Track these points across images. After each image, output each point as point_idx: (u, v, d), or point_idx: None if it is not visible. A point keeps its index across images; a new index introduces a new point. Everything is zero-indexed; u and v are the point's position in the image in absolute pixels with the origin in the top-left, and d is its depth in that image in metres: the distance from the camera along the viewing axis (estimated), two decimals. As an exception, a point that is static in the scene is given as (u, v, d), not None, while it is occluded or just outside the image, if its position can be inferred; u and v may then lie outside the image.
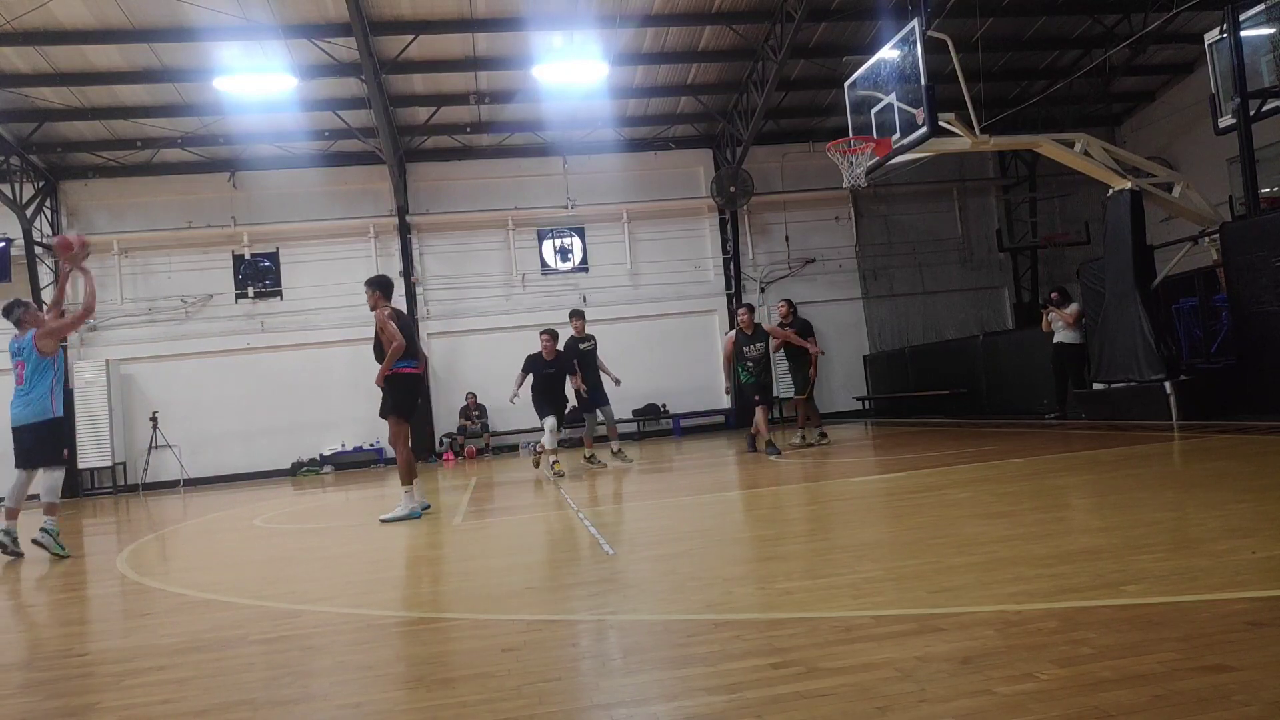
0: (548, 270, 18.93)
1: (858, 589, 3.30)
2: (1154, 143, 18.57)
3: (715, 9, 14.77)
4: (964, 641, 2.52)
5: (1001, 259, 20.35)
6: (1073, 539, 3.86)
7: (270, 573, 5.25)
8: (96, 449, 16.50)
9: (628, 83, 16.77)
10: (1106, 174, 10.58)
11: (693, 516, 6.05)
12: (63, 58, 14.14)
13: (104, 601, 4.87)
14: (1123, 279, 10.25)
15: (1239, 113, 10.10)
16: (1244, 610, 2.60)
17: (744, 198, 18.53)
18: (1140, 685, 2.07)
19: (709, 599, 3.39)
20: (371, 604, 3.91)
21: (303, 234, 18.02)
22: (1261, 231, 9.05)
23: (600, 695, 2.41)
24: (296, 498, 11.48)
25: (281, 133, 17.02)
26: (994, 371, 14.02)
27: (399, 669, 2.85)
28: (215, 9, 12.69)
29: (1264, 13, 10.53)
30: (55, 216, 17.38)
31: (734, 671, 2.45)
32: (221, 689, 2.77)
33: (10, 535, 6.69)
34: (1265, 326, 8.96)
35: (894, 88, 10.69)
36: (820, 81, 17.00)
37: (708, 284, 19.19)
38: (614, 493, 8.12)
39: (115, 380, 16.85)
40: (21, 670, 3.26)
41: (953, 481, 6.31)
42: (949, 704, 2.07)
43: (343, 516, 8.54)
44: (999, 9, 14.77)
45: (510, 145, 18.35)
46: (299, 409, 17.38)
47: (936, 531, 4.35)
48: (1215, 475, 5.64)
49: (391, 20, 14.06)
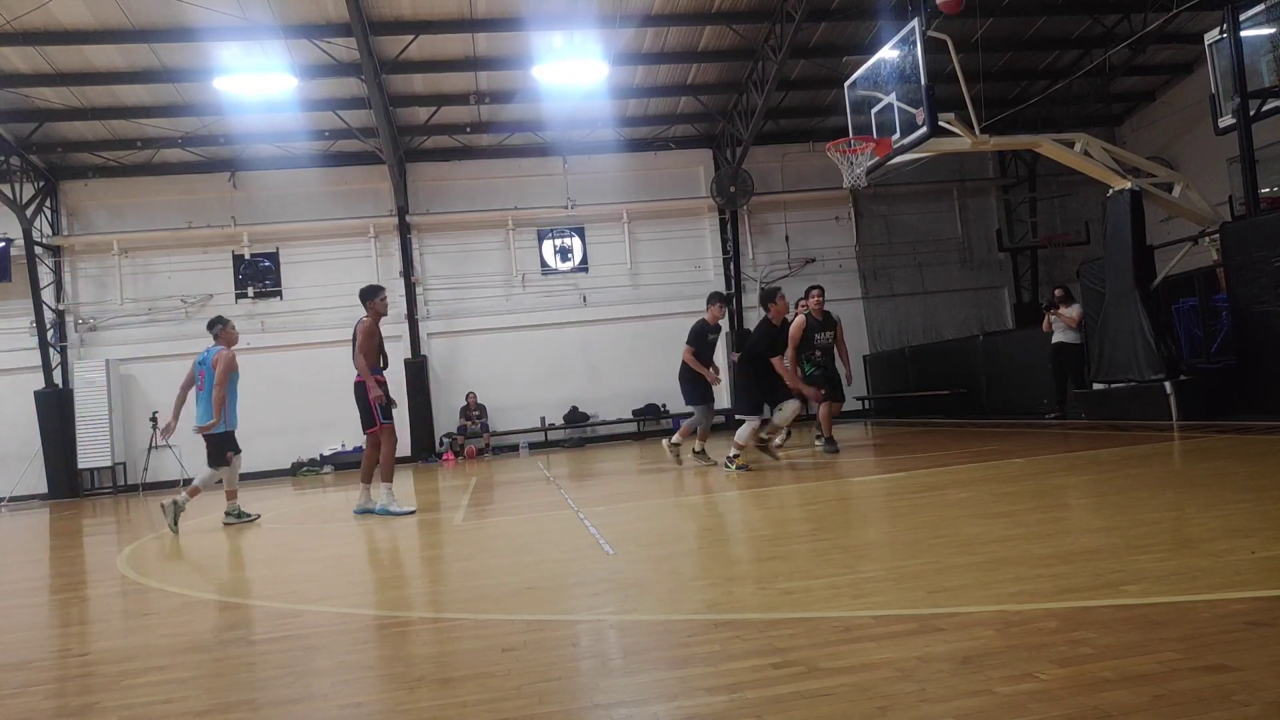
0: (548, 270, 18.93)
1: (858, 589, 3.30)
2: (1154, 143, 18.57)
3: (715, 9, 14.77)
4: (964, 641, 2.52)
5: (1001, 259, 20.36)
6: (1073, 539, 3.86)
7: (270, 573, 5.25)
8: (96, 449, 16.51)
9: (628, 83, 16.77)
10: (1106, 174, 10.58)
11: (693, 516, 6.05)
12: (63, 58, 14.14)
13: (104, 601, 4.87)
14: (1123, 279, 10.24)
15: (1239, 113, 10.09)
16: (1244, 610, 2.59)
17: (744, 198, 18.53)
18: (1140, 685, 2.07)
19: (709, 599, 3.39)
20: (371, 604, 3.91)
21: (303, 234, 18.02)
22: (1261, 231, 9.05)
23: (600, 695, 2.41)
24: (296, 498, 11.47)
25: (281, 133, 17.02)
26: (994, 371, 14.01)
27: (399, 669, 2.85)
28: (215, 9, 12.69)
29: (1264, 13, 10.52)
30: (55, 216, 17.40)
31: (734, 671, 2.44)
32: (221, 689, 2.77)
33: (180, 507, 7.72)
34: (1265, 326, 8.95)
35: (894, 88, 10.68)
36: (820, 81, 17.00)
37: (708, 284, 19.13)
38: (614, 493, 8.12)
39: (115, 380, 16.85)
40: (21, 670, 3.26)
41: (953, 481, 6.31)
42: (949, 704, 2.07)
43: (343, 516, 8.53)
44: (999, 9, 14.77)
45: (510, 145, 18.35)
46: (299, 409, 17.38)
47: (936, 531, 4.35)
48: (1215, 475, 5.63)
49: (391, 20, 14.07)
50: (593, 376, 18.43)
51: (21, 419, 16.44)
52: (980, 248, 20.33)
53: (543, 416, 17.95)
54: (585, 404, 18.35)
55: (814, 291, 9.89)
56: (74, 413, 16.51)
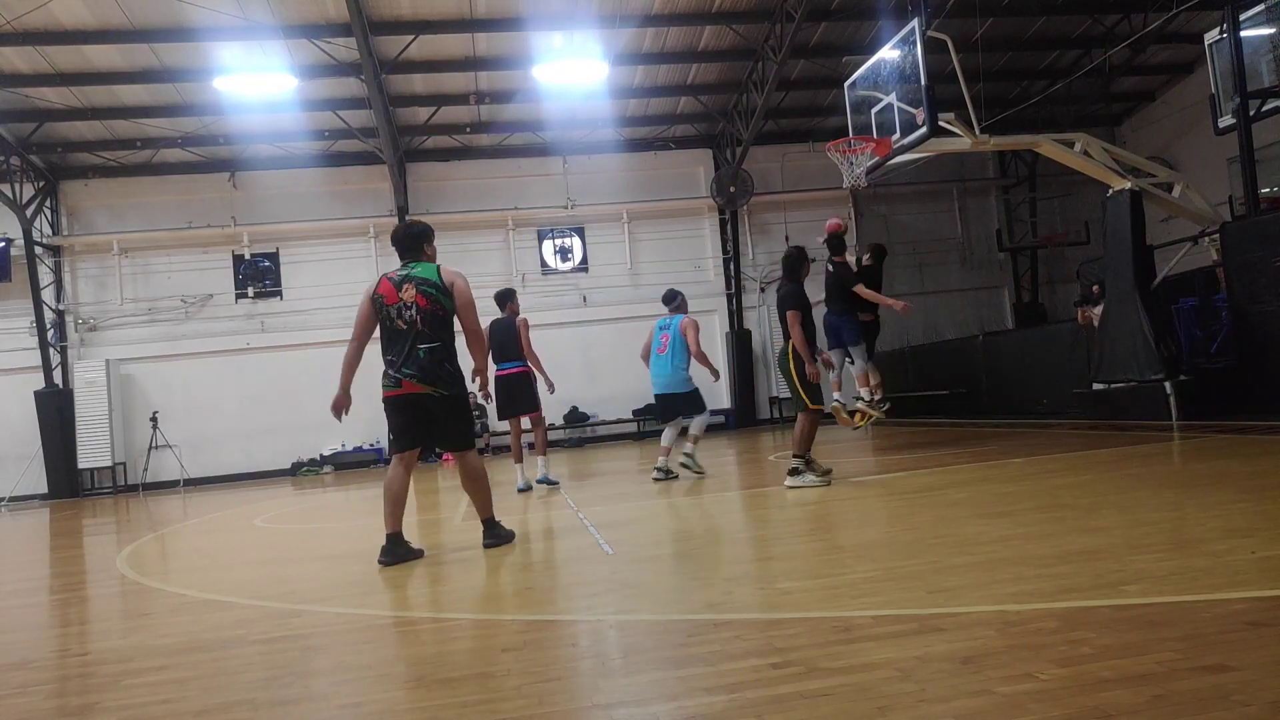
0: (548, 270, 18.93)
1: (858, 589, 3.30)
2: (1154, 143, 18.56)
3: (715, 9, 14.77)
4: (964, 641, 2.52)
5: (1001, 259, 20.36)
6: (1073, 539, 3.86)
7: (270, 573, 5.25)
8: (96, 449, 16.50)
9: (628, 83, 16.77)
10: (1106, 174, 10.57)
11: (693, 516, 6.05)
12: (63, 58, 14.14)
13: (104, 601, 4.87)
14: (1123, 279, 10.24)
15: (1239, 113, 10.09)
16: (1244, 610, 2.60)
17: (744, 198, 18.52)
18: (1140, 685, 2.07)
19: (709, 599, 3.39)
20: (371, 604, 3.91)
21: (303, 234, 18.02)
22: (1261, 231, 9.05)
23: (600, 695, 2.41)
24: (296, 498, 11.48)
25: (281, 133, 17.02)
26: (994, 371, 14.01)
27: (399, 669, 2.85)
28: (215, 9, 12.69)
29: (1264, 13, 10.53)
30: (55, 216, 17.40)
31: (734, 671, 2.44)
32: (221, 689, 2.77)
33: (663, 469, 8.37)
34: (1265, 326, 8.95)
35: (894, 88, 10.68)
36: (820, 81, 17.00)
37: (708, 284, 19.18)
38: (614, 493, 8.12)
39: (115, 380, 16.85)
40: (21, 670, 3.26)
41: (953, 481, 6.31)
42: (949, 704, 2.07)
43: (343, 516, 8.54)
44: (999, 9, 14.77)
45: (510, 145, 18.34)
46: (299, 409, 17.35)
47: (936, 531, 4.35)
48: (1215, 475, 5.63)
49: (391, 20, 14.06)
50: (592, 377, 18.41)
51: (21, 419, 16.44)
52: (980, 248, 20.33)
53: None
54: (585, 404, 18.35)
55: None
56: (74, 413, 16.50)
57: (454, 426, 5.12)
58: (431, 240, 5.41)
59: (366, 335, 5.11)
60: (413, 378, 4.93)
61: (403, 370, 4.94)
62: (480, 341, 5.25)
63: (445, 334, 5.07)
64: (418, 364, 4.93)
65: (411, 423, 5.05)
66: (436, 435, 5.22)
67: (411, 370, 4.93)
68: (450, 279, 5.14)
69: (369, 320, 5.09)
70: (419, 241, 5.30)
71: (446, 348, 5.05)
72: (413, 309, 4.98)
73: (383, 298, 5.04)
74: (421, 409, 5.00)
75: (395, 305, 5.00)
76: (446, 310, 5.08)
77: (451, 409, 5.06)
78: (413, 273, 5.09)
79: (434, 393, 4.97)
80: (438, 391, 4.97)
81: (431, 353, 4.96)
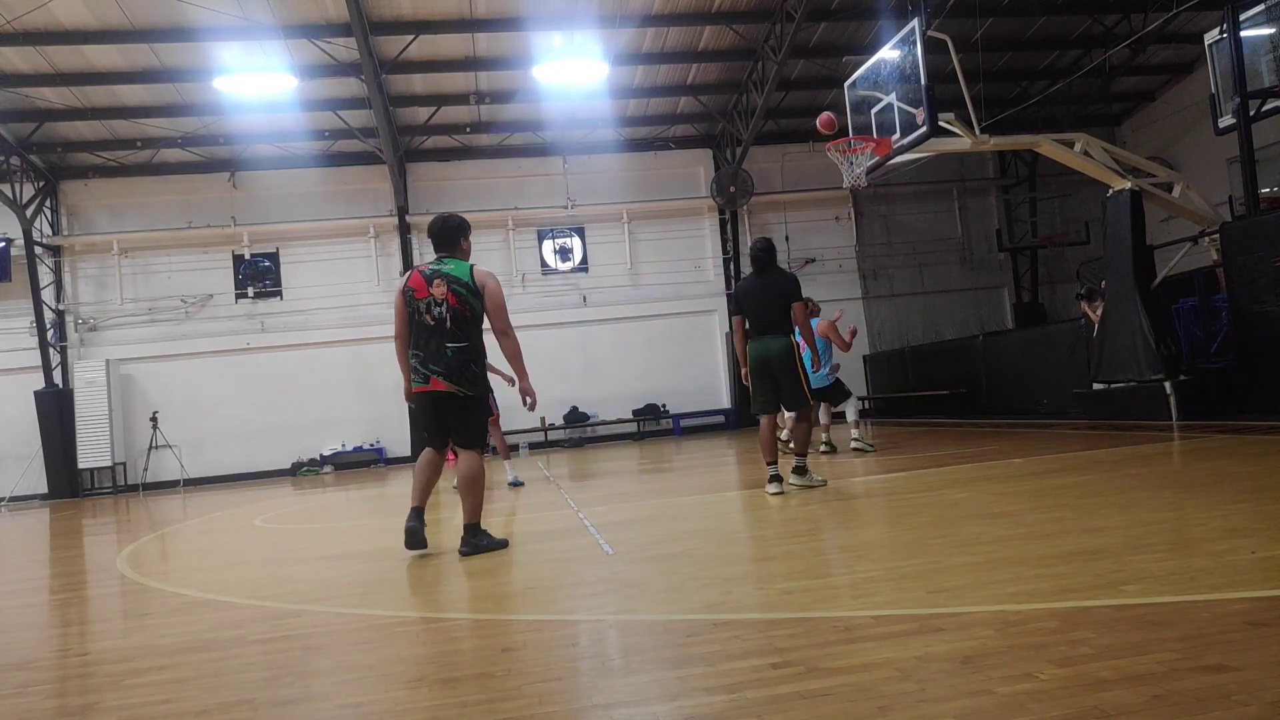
0: (548, 270, 18.93)
1: (858, 589, 3.30)
2: (1154, 143, 18.57)
3: (715, 9, 14.78)
4: (964, 641, 2.52)
5: (1001, 259, 20.38)
6: (1073, 539, 3.86)
7: (270, 573, 5.25)
8: (96, 449, 16.51)
9: (628, 83, 16.78)
10: (1106, 174, 10.57)
11: (692, 516, 6.05)
12: (63, 58, 14.14)
13: (104, 601, 4.87)
14: (1123, 279, 10.25)
15: (1239, 113, 10.09)
16: (1244, 610, 2.60)
17: (744, 198, 18.53)
18: (1140, 685, 2.07)
19: (709, 599, 3.39)
20: (371, 604, 3.91)
21: (303, 234, 18.03)
22: (1261, 231, 9.05)
23: (600, 695, 2.41)
24: (296, 498, 11.48)
25: (281, 133, 17.03)
26: (994, 371, 14.01)
27: (399, 669, 2.85)
28: (215, 9, 12.70)
29: (1264, 13, 10.52)
30: (55, 216, 17.40)
31: (734, 671, 2.45)
32: (221, 689, 2.77)
33: (829, 444, 9.57)
34: (1265, 326, 8.95)
35: (894, 88, 10.68)
36: (820, 81, 17.01)
37: (708, 284, 19.20)
38: (614, 493, 8.12)
39: (115, 380, 16.85)
40: (21, 670, 3.26)
41: (953, 481, 6.31)
42: (949, 704, 2.07)
43: (343, 516, 8.54)
44: (999, 9, 14.78)
45: (510, 145, 18.35)
46: (299, 409, 17.38)
47: (936, 531, 4.35)
48: (1215, 475, 5.63)
49: (391, 20, 14.07)
50: (592, 376, 18.43)
51: (21, 419, 16.45)
52: (980, 248, 20.35)
53: (542, 416, 17.94)
54: (585, 404, 18.36)
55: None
56: (74, 413, 16.51)
57: (468, 421, 5.15)
58: (468, 234, 5.35)
59: (409, 330, 5.11)
60: (440, 375, 4.95)
61: (430, 367, 4.95)
62: (511, 344, 5.26)
63: (474, 334, 5.07)
64: (445, 363, 4.95)
65: (440, 422, 5.12)
66: (450, 428, 5.23)
67: (439, 369, 4.95)
68: (482, 280, 5.12)
69: (406, 315, 5.09)
70: (455, 235, 5.24)
71: (475, 348, 5.05)
72: (442, 306, 4.96)
73: (413, 291, 5.02)
74: (447, 405, 5.05)
75: (425, 300, 4.98)
76: (475, 311, 5.06)
77: (469, 406, 5.09)
78: (444, 269, 5.06)
79: (459, 392, 5.00)
80: (462, 392, 5.00)
81: (460, 353, 4.98)
